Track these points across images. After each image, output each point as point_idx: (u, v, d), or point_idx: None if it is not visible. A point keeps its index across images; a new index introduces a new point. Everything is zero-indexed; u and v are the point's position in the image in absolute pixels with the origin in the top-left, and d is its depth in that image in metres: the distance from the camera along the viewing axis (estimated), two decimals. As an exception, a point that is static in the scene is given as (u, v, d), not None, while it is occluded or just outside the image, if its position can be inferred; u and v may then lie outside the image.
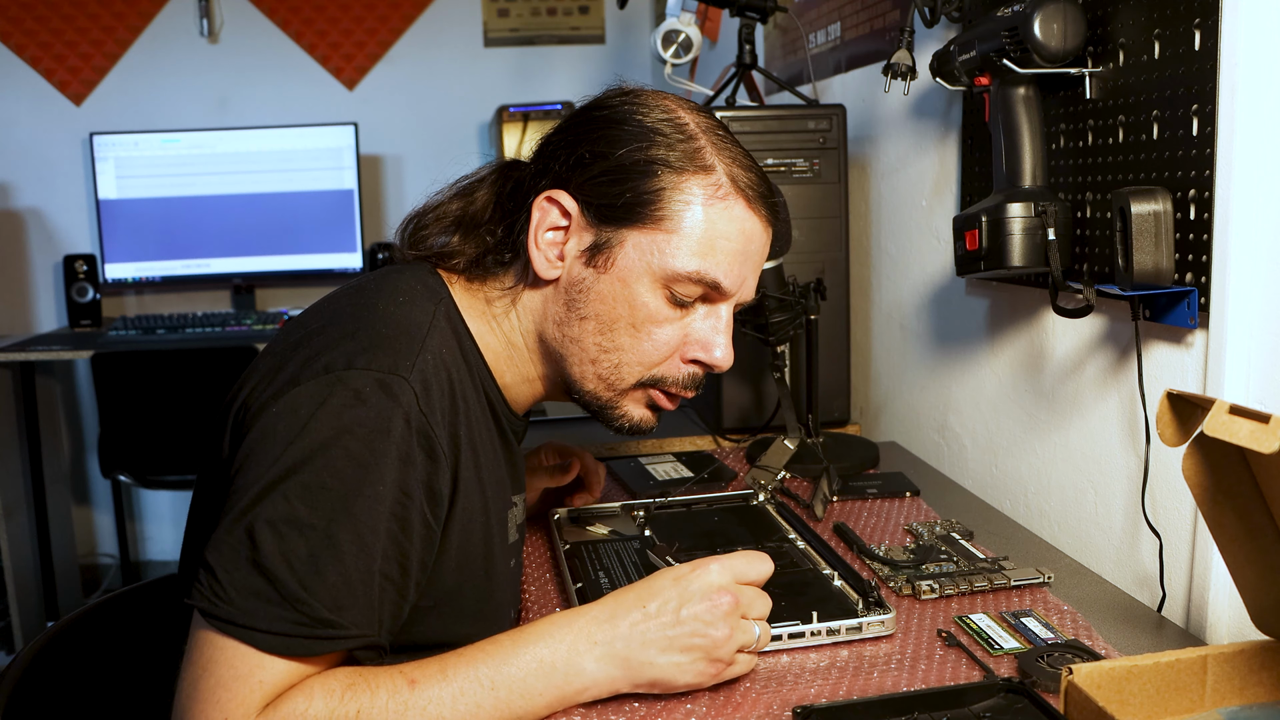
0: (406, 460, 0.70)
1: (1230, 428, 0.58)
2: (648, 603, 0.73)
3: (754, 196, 0.80)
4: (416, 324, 0.75)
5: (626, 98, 0.81)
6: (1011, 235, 1.00)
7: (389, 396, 0.69)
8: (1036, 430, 1.17)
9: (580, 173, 0.79)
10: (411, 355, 0.72)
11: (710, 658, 0.72)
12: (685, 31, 1.67)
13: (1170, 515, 0.94)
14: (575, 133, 0.81)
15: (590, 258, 0.79)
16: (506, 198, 0.84)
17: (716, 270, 0.79)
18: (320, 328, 0.75)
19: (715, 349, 0.81)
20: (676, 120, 0.79)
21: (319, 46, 3.10)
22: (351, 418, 0.68)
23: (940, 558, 0.98)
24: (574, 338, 0.80)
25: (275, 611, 0.65)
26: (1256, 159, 0.81)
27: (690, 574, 0.74)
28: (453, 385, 0.75)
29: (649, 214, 0.77)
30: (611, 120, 0.80)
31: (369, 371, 0.70)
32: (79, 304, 2.85)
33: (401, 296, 0.78)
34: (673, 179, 0.77)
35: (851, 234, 1.52)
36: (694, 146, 0.79)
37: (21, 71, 2.98)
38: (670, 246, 0.77)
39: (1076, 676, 0.66)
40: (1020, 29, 0.96)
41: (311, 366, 0.70)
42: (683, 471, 1.28)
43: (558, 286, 0.80)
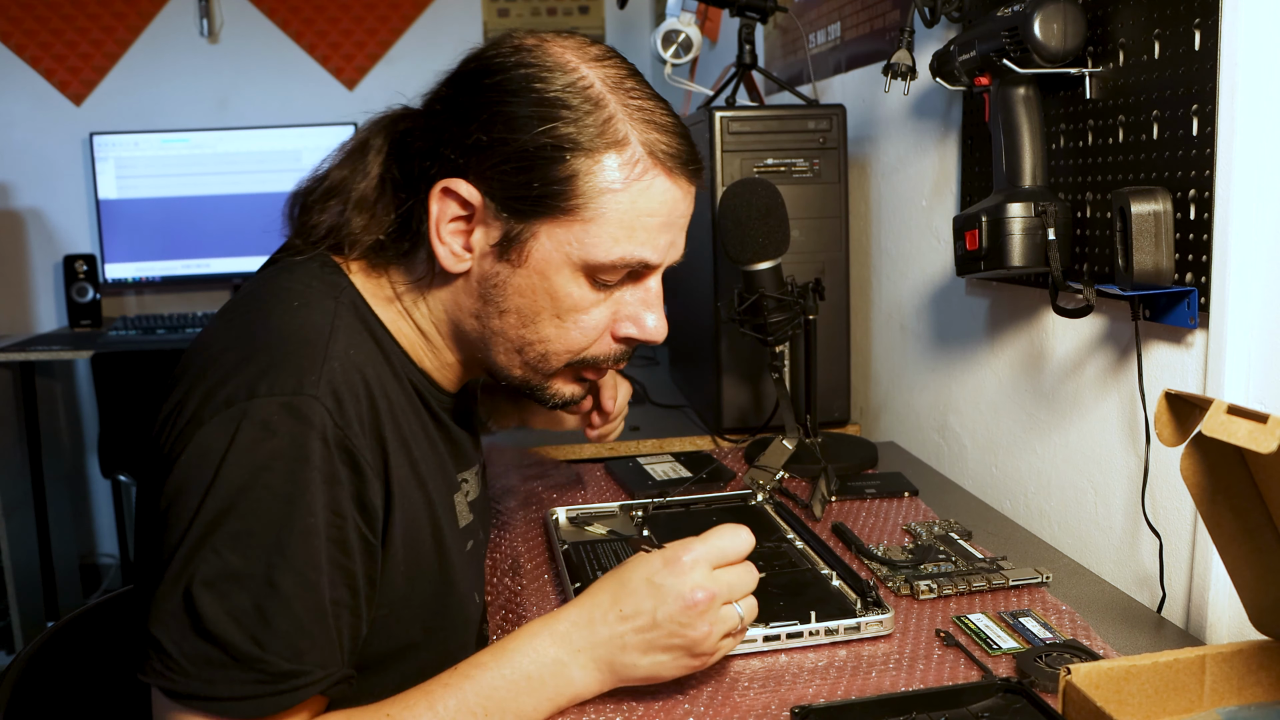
0: (332, 480, 0.66)
1: (1228, 428, 0.58)
2: (623, 604, 0.70)
3: (674, 164, 0.73)
4: (316, 329, 0.70)
5: (520, 57, 0.72)
6: (1011, 235, 1.00)
7: (300, 420, 0.65)
8: (1036, 430, 1.17)
9: (478, 159, 0.71)
10: (315, 368, 0.67)
11: (693, 653, 0.71)
12: (685, 31, 1.67)
13: (1170, 515, 0.94)
14: (467, 106, 0.72)
15: (501, 251, 0.73)
16: (399, 176, 0.76)
17: (641, 250, 0.73)
18: (218, 353, 0.69)
19: (647, 322, 0.77)
20: (581, 85, 0.71)
21: (319, 46, 3.10)
22: (266, 452, 0.64)
23: (939, 558, 0.98)
24: (495, 330, 0.76)
25: (234, 675, 0.62)
26: (1256, 159, 0.81)
27: (664, 571, 0.70)
28: (369, 386, 0.71)
29: (562, 204, 0.71)
30: (507, 91, 0.71)
31: (273, 398, 0.65)
32: (79, 304, 2.85)
33: (296, 300, 0.72)
34: (584, 162, 0.70)
35: (851, 234, 1.52)
36: (604, 116, 0.71)
37: (21, 71, 2.98)
38: (589, 236, 0.71)
39: (1075, 676, 0.66)
40: (1020, 29, 0.96)
41: (213, 402, 0.65)
42: (681, 472, 1.28)
43: (468, 279, 0.75)
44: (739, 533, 0.73)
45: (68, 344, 2.59)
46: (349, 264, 0.77)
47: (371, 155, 0.77)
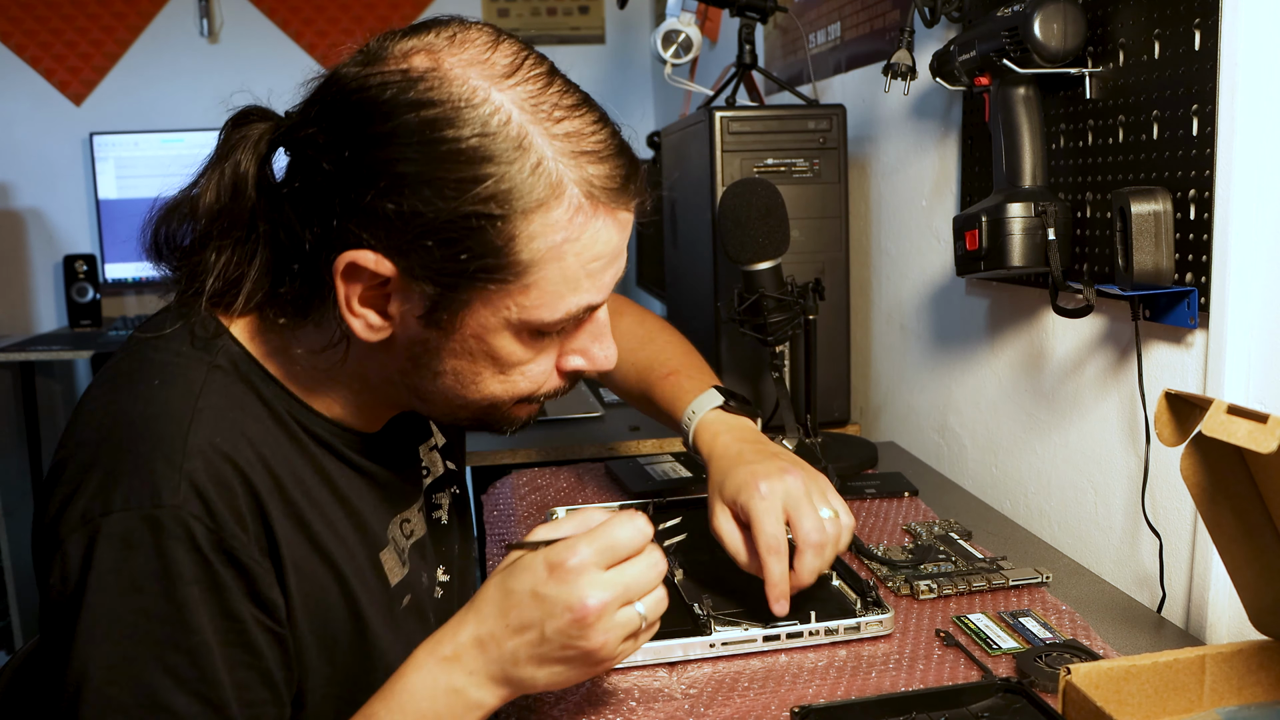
0: (216, 587, 0.60)
1: (1228, 428, 0.58)
2: (509, 617, 0.65)
3: (615, 199, 0.64)
4: (175, 419, 0.63)
5: (416, 92, 0.60)
6: (1011, 235, 1.00)
7: (163, 534, 0.59)
8: (1036, 430, 1.17)
9: (385, 230, 0.61)
10: (174, 470, 0.60)
11: (593, 662, 0.65)
12: (685, 31, 1.67)
13: (1170, 515, 0.94)
14: (356, 165, 0.60)
15: (428, 320, 0.64)
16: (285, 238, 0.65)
17: (587, 297, 0.66)
18: (75, 449, 0.63)
19: (595, 354, 0.71)
20: (497, 123, 0.60)
21: (319, 46, 3.10)
22: (131, 573, 0.59)
23: (939, 558, 0.98)
24: (431, 390, 0.69)
25: None
26: (1256, 159, 0.81)
27: (550, 581, 0.64)
28: (243, 473, 0.63)
29: (495, 275, 0.62)
30: (408, 145, 0.59)
31: (130, 512, 0.59)
32: (79, 304, 2.85)
33: (157, 377, 0.65)
34: (518, 224, 0.61)
35: (851, 234, 1.52)
36: (531, 163, 0.61)
37: (21, 71, 2.98)
38: (530, 300, 0.64)
39: (1075, 676, 0.66)
40: (1020, 29, 0.96)
41: (69, 517, 0.60)
42: (681, 472, 1.28)
43: (391, 342, 0.66)
44: (633, 522, 0.66)
45: (68, 344, 2.59)
46: (232, 318, 0.69)
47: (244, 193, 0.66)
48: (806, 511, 0.82)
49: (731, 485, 0.85)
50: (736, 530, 0.85)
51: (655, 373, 1.03)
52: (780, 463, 0.85)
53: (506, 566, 0.67)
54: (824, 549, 0.81)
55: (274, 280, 0.67)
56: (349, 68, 0.64)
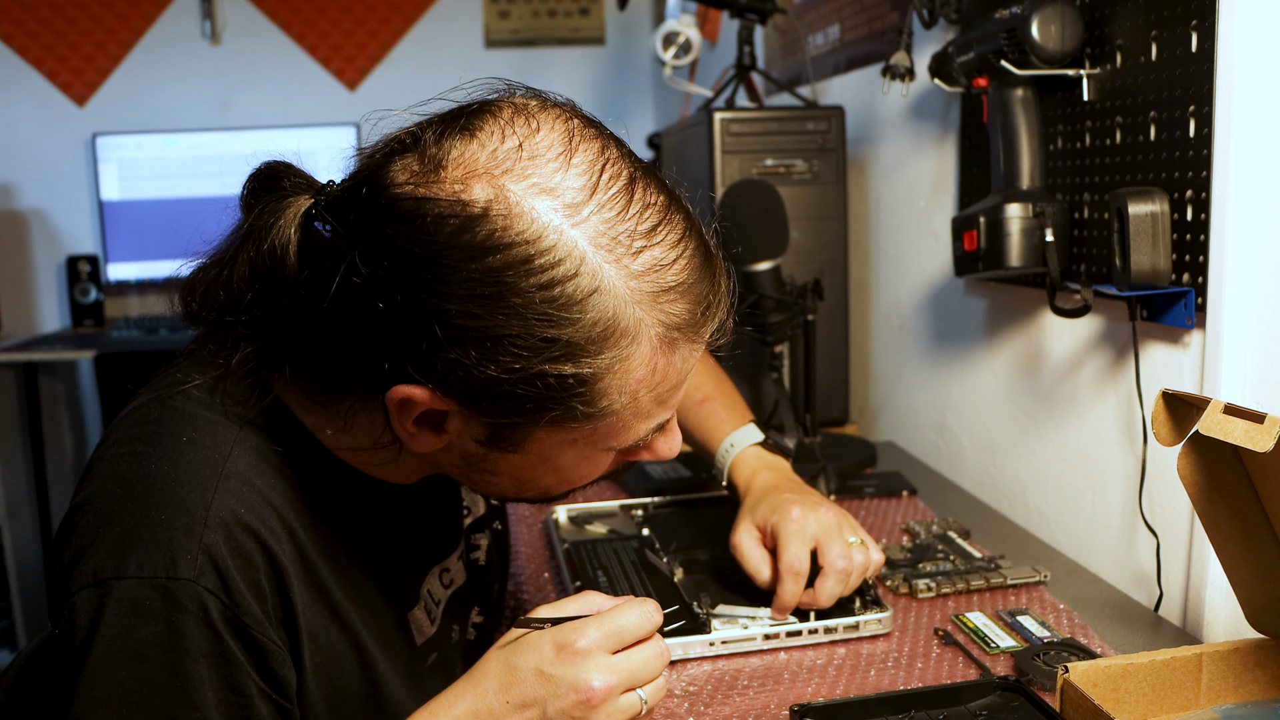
0: (225, 663, 0.59)
1: (1225, 427, 0.58)
2: (511, 693, 0.63)
3: (694, 330, 0.60)
4: (199, 484, 0.60)
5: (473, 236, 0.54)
6: (1009, 236, 1.00)
7: (176, 607, 0.57)
8: (1034, 430, 1.17)
9: (443, 377, 0.57)
10: (193, 541, 0.58)
11: None
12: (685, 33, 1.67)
13: (1168, 514, 0.94)
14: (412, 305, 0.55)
15: (489, 443, 0.62)
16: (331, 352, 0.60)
17: (659, 419, 0.63)
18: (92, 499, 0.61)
19: (661, 450, 0.68)
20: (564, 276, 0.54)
21: (320, 48, 3.11)
22: (137, 642, 0.57)
23: (937, 556, 0.99)
24: (484, 483, 0.68)
25: None
26: (1254, 160, 0.81)
27: (556, 661, 0.63)
28: (265, 544, 0.61)
29: (565, 418, 0.59)
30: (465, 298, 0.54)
31: (143, 580, 0.57)
32: (82, 304, 2.86)
33: (185, 435, 0.62)
34: (590, 379, 0.57)
35: (850, 235, 1.52)
36: (605, 315, 0.55)
37: (25, 73, 2.98)
38: (600, 431, 0.61)
39: (1073, 675, 0.67)
40: (1018, 30, 0.96)
41: (81, 572, 0.58)
42: (681, 471, 1.28)
43: (448, 449, 0.64)
44: (643, 608, 0.65)
45: (71, 344, 2.60)
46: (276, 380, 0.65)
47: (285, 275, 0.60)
48: (836, 539, 0.84)
49: (765, 509, 0.87)
50: (759, 549, 0.86)
51: (690, 398, 1.01)
52: (817, 499, 0.88)
53: (509, 643, 0.66)
54: (848, 576, 0.83)
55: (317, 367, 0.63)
56: (400, 177, 0.57)
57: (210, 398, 0.64)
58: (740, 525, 0.88)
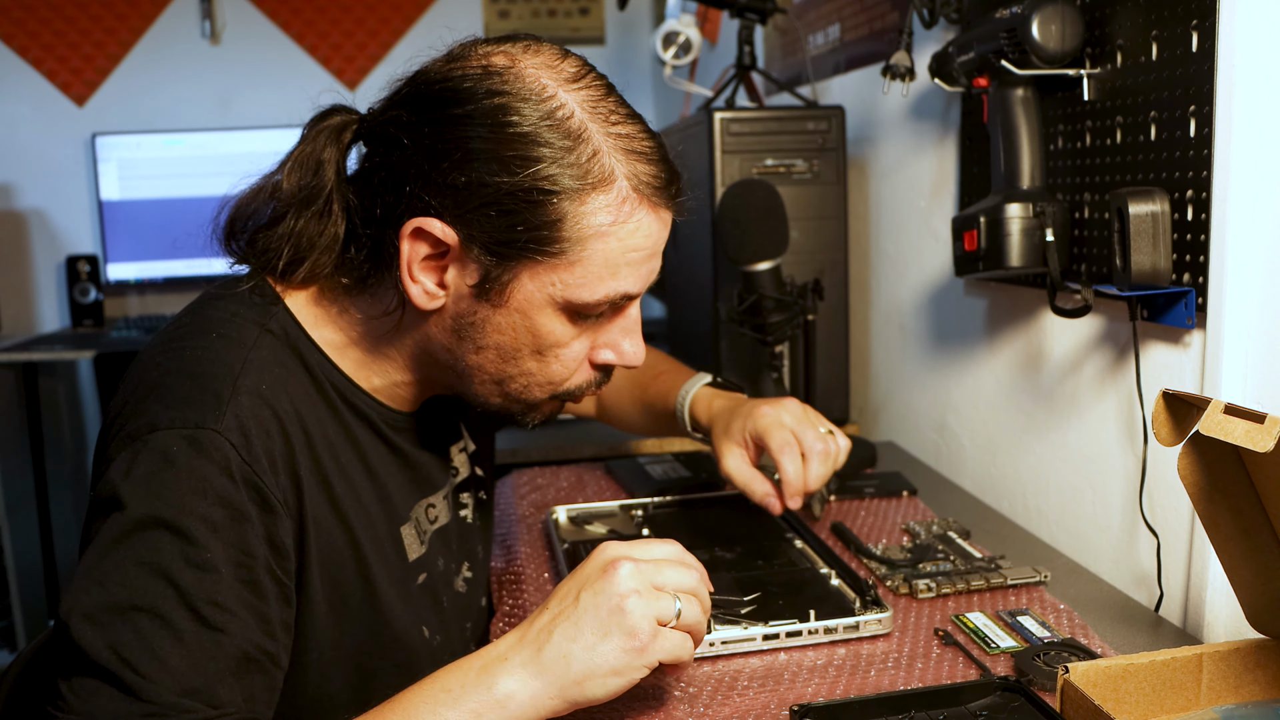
0: (239, 517, 0.63)
1: (1225, 427, 0.58)
2: (549, 605, 0.67)
3: (659, 197, 0.71)
4: (226, 364, 0.68)
5: (491, 83, 0.68)
6: (1010, 236, 1.00)
7: (201, 454, 0.63)
8: (1034, 430, 1.17)
9: (454, 200, 0.67)
10: (221, 403, 0.65)
11: (626, 631, 0.64)
12: (685, 33, 1.67)
13: (1168, 515, 0.94)
14: (435, 140, 0.68)
15: (479, 291, 0.70)
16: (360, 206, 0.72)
17: (625, 284, 0.72)
18: (132, 389, 0.68)
19: (625, 349, 0.76)
20: (561, 115, 0.68)
21: (320, 48, 3.11)
22: (161, 483, 0.62)
23: (937, 557, 0.99)
24: (472, 364, 0.74)
25: (120, 707, 0.58)
26: (1254, 160, 0.81)
27: (588, 561, 0.68)
28: (282, 421, 0.68)
29: (547, 248, 0.68)
30: (482, 125, 0.67)
31: (174, 430, 0.63)
32: (81, 304, 2.86)
33: (215, 332, 0.70)
34: (571, 205, 0.68)
35: (850, 235, 1.52)
36: (588, 152, 0.68)
37: (24, 73, 2.98)
38: (574, 278, 0.70)
39: (1073, 675, 0.67)
40: (1018, 30, 0.96)
41: (120, 436, 0.65)
42: (681, 471, 1.28)
43: (441, 314, 0.72)
44: (660, 541, 0.70)
45: (70, 344, 2.60)
46: (290, 289, 0.75)
47: (325, 173, 0.73)
48: (809, 427, 0.93)
49: (737, 424, 0.94)
50: (748, 467, 0.94)
51: (645, 375, 1.11)
52: (777, 401, 0.96)
53: None
54: (828, 456, 0.92)
55: (342, 250, 0.73)
56: (434, 65, 0.71)
57: (237, 305, 0.73)
58: (724, 452, 0.94)
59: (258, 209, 0.75)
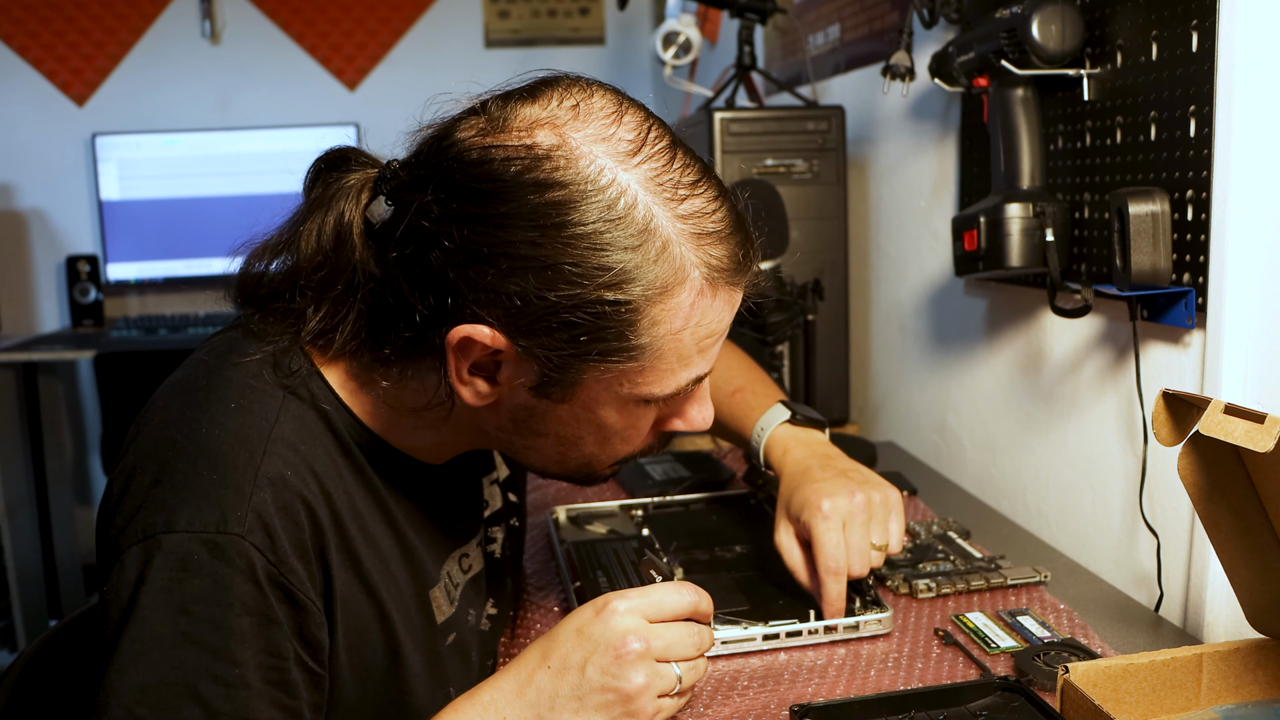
0: (267, 622, 0.60)
1: (1225, 427, 0.58)
2: (551, 658, 0.65)
3: (733, 276, 0.64)
4: (249, 446, 0.62)
5: (539, 171, 0.58)
6: (1010, 236, 1.00)
7: (223, 560, 0.59)
8: (1034, 430, 1.17)
9: (502, 309, 0.60)
10: (243, 499, 0.60)
11: (629, 710, 0.65)
12: (685, 33, 1.67)
13: (1168, 515, 0.94)
14: (479, 238, 0.59)
15: (539, 391, 0.64)
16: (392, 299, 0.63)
17: (698, 370, 0.66)
18: (140, 456, 0.63)
19: (693, 416, 0.71)
20: (623, 207, 0.59)
21: (320, 48, 3.11)
22: (183, 595, 0.58)
23: (937, 557, 0.99)
24: (529, 447, 0.69)
25: None
26: (1254, 160, 0.81)
27: (593, 621, 0.65)
28: (309, 506, 0.63)
29: (613, 357, 0.61)
30: (530, 226, 0.58)
31: (193, 534, 0.59)
32: (81, 304, 2.86)
33: (234, 401, 0.64)
34: (641, 310, 0.60)
35: (850, 234, 1.52)
36: (656, 247, 0.59)
37: (24, 73, 2.98)
38: (645, 378, 0.63)
39: (1073, 675, 0.67)
40: (1019, 30, 0.96)
41: (131, 529, 0.60)
42: (681, 471, 1.28)
43: (496, 405, 0.66)
44: (680, 590, 0.68)
45: (70, 344, 2.60)
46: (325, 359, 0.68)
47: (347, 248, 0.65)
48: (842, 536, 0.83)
49: (797, 501, 0.86)
50: (797, 548, 0.86)
51: (721, 391, 1.01)
52: (847, 480, 0.86)
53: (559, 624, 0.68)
54: (839, 577, 0.82)
55: (373, 334, 0.65)
56: (467, 133, 0.62)
57: (258, 368, 0.66)
58: (779, 524, 0.88)
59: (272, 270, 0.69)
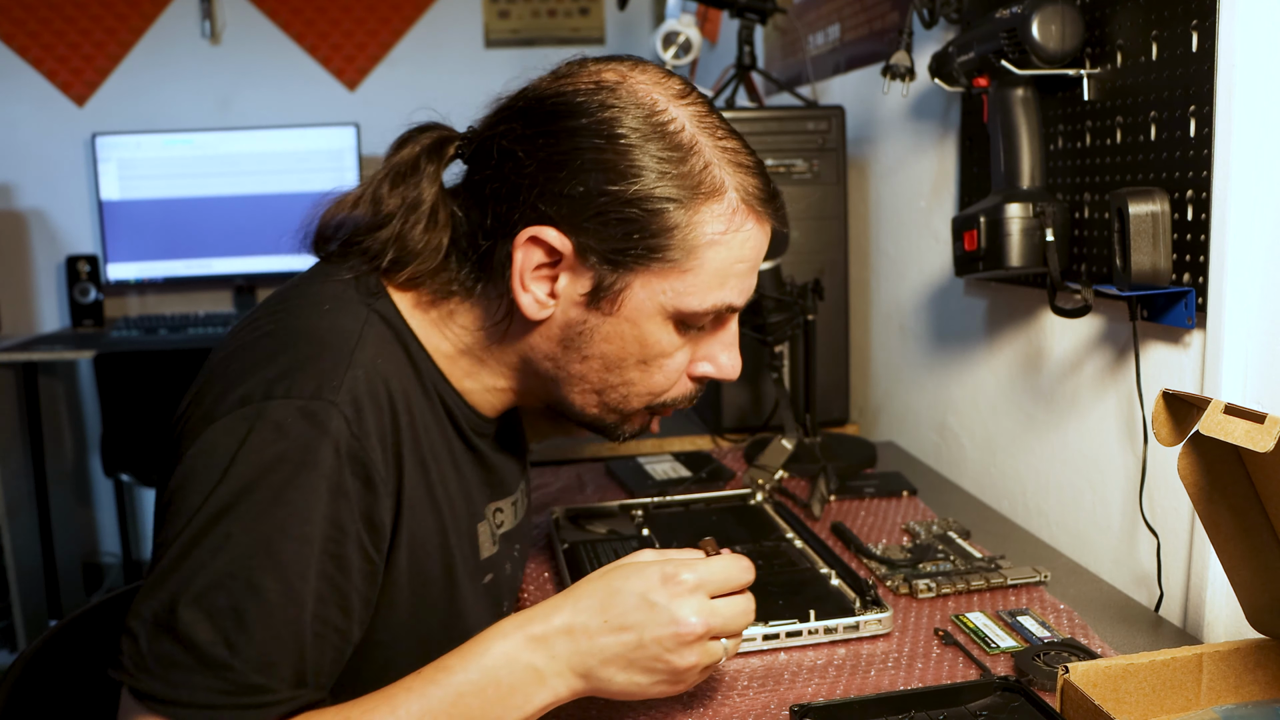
0: (338, 492, 0.64)
1: (1225, 427, 0.58)
2: (609, 613, 0.66)
3: (763, 206, 0.73)
4: (343, 334, 0.68)
5: (603, 96, 0.69)
6: (1010, 236, 1.00)
7: (314, 426, 0.63)
8: (1034, 430, 1.17)
9: (570, 209, 0.68)
10: (338, 374, 0.65)
11: (672, 680, 0.67)
12: (685, 33, 1.67)
13: (1168, 515, 0.94)
14: (551, 150, 0.69)
15: (591, 300, 0.71)
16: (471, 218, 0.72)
17: (730, 295, 0.73)
18: (238, 349, 0.68)
19: (723, 361, 0.77)
20: (673, 129, 0.69)
21: (320, 48, 3.11)
22: (274, 454, 0.62)
23: (937, 557, 0.99)
24: (574, 374, 0.74)
25: (198, 680, 0.59)
26: (1254, 160, 0.81)
27: (662, 590, 0.66)
28: (392, 399, 0.68)
29: (661, 255, 0.69)
30: (597, 136, 0.68)
31: (290, 400, 0.63)
32: (81, 304, 2.86)
33: (327, 304, 0.71)
34: (685, 214, 0.69)
35: (851, 235, 1.52)
36: (700, 164, 0.70)
37: (24, 73, 2.98)
38: (684, 285, 0.71)
39: (1073, 675, 0.67)
40: (1019, 30, 0.96)
41: (228, 399, 0.64)
42: (681, 471, 1.28)
43: (548, 323, 0.73)
44: (743, 564, 0.70)
45: (70, 344, 2.60)
46: (393, 288, 0.74)
47: (426, 184, 0.73)
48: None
49: None
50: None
51: None
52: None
53: (613, 569, 0.69)
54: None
55: (445, 258, 0.73)
56: (541, 82, 0.72)
57: (344, 287, 0.73)
58: None
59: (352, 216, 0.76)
